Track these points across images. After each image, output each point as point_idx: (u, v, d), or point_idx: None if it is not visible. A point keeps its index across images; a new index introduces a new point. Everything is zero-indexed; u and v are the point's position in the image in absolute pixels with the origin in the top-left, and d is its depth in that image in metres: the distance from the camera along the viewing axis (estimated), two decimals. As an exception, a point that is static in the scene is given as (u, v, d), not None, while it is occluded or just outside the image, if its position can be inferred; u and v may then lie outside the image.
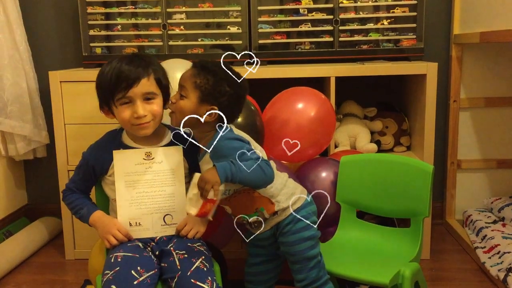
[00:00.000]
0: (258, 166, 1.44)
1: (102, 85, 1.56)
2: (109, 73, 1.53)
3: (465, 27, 2.48)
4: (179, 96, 1.54)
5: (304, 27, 2.46)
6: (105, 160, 1.58)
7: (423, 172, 1.69)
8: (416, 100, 2.37)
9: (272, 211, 1.55)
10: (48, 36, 2.71)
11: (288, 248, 1.58)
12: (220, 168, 1.39)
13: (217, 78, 1.51)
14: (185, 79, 1.54)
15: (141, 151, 1.56)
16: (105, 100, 1.56)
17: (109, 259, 1.50)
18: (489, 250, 2.20)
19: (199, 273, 1.45)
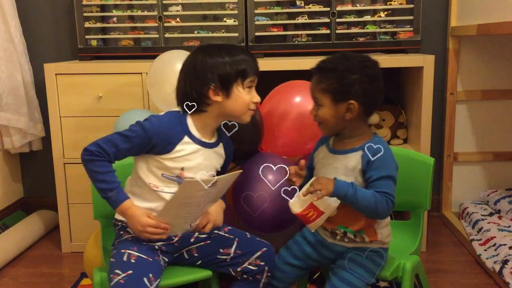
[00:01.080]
0: (375, 199, 1.40)
1: (236, 65, 1.51)
2: (244, 53, 1.53)
3: (462, 19, 2.47)
4: (316, 107, 1.51)
5: (301, 19, 2.45)
6: (170, 142, 1.49)
7: (424, 165, 1.69)
8: (413, 92, 2.37)
9: (373, 239, 1.51)
10: (43, 28, 2.69)
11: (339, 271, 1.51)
12: (338, 183, 1.40)
13: (339, 72, 1.46)
14: (312, 90, 1.51)
15: (210, 180, 1.44)
16: (234, 77, 1.51)
17: (120, 255, 1.45)
18: (485, 242, 2.21)
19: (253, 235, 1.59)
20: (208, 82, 1.50)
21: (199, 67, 1.51)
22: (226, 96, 1.51)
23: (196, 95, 1.51)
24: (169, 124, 1.51)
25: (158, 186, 1.50)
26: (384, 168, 1.43)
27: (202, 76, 1.50)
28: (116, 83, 2.26)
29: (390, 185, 1.43)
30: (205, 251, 1.56)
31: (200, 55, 1.53)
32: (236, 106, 1.53)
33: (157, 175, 1.51)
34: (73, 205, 2.35)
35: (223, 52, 1.52)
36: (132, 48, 2.51)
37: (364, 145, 1.47)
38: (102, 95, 2.26)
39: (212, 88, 1.50)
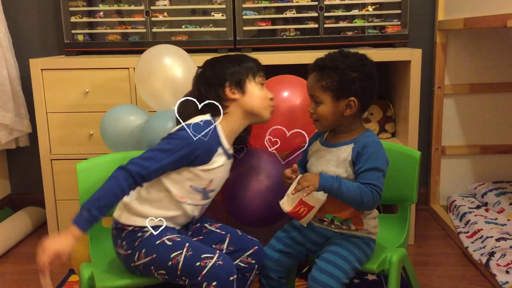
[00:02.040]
0: (360, 191, 1.42)
1: (244, 64, 1.60)
2: (249, 58, 1.64)
3: (449, 13, 2.48)
4: (314, 105, 1.53)
5: (289, 13, 2.44)
6: (210, 153, 1.52)
7: (411, 158, 1.70)
8: (401, 86, 2.38)
9: (359, 227, 1.54)
10: (29, 23, 2.66)
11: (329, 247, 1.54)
12: (323, 177, 1.43)
13: (340, 70, 1.48)
14: (312, 88, 1.52)
15: None
16: (246, 75, 1.59)
17: (162, 245, 1.47)
18: (472, 235, 2.23)
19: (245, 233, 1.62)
20: (222, 83, 1.57)
21: (210, 74, 1.60)
22: (242, 92, 1.57)
23: (214, 99, 1.55)
24: (209, 133, 1.51)
25: (184, 197, 1.53)
26: (373, 161, 1.46)
27: (215, 80, 1.58)
28: (103, 78, 2.24)
29: (378, 177, 1.45)
30: None
31: (208, 64, 1.63)
32: (254, 101, 1.58)
33: (185, 186, 1.53)
34: (60, 202, 2.34)
35: (228, 57, 1.63)
36: (119, 43, 2.49)
37: (356, 138, 1.51)
38: (89, 90, 2.24)
39: (227, 86, 1.56)
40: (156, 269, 1.46)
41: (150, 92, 1.96)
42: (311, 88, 1.53)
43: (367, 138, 1.50)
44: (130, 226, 1.52)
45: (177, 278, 1.45)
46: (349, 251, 1.51)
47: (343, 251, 1.50)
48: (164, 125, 1.80)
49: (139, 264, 1.48)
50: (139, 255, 1.48)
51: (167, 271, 1.45)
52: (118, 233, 1.54)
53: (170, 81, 1.90)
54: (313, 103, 1.53)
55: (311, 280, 1.47)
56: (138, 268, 1.50)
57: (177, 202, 1.53)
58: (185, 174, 1.51)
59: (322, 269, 1.47)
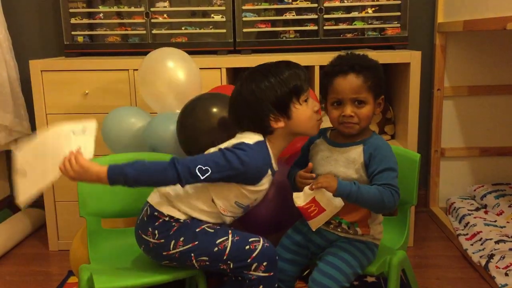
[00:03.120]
0: (379, 193, 1.41)
1: (288, 84, 1.48)
2: (291, 71, 1.49)
3: (449, 15, 2.49)
4: (355, 107, 1.48)
5: (288, 15, 2.44)
6: (259, 176, 1.49)
7: (410, 161, 1.70)
8: (400, 88, 2.38)
9: (365, 232, 1.54)
10: (29, 24, 2.66)
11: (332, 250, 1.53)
12: (342, 181, 1.42)
13: (377, 70, 1.51)
14: (358, 89, 1.47)
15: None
16: (289, 99, 1.48)
17: (203, 232, 1.48)
18: (471, 237, 2.23)
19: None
20: (266, 113, 1.48)
21: (251, 99, 1.48)
22: (287, 119, 1.50)
23: (260, 129, 1.51)
24: (261, 157, 1.50)
25: (226, 211, 1.53)
26: (387, 161, 1.46)
27: (258, 109, 1.48)
28: (103, 80, 2.24)
29: (393, 177, 1.46)
30: None
31: (248, 85, 1.50)
32: (301, 124, 1.52)
33: (231, 202, 1.52)
34: (60, 203, 2.34)
35: (269, 75, 1.48)
36: (119, 44, 2.49)
37: (364, 140, 1.52)
38: (89, 92, 2.24)
39: (272, 118, 1.49)
40: (197, 256, 1.46)
41: (153, 95, 1.96)
42: (356, 91, 1.48)
43: (377, 141, 1.51)
44: (167, 216, 1.50)
45: (221, 263, 1.46)
46: (352, 255, 1.50)
47: (345, 255, 1.50)
48: (166, 127, 1.80)
49: (175, 252, 1.47)
50: (175, 243, 1.47)
51: (210, 257, 1.46)
52: (152, 220, 1.51)
53: (174, 85, 1.90)
54: (353, 106, 1.49)
55: (312, 282, 1.46)
56: (172, 257, 1.48)
57: (219, 213, 1.53)
58: (233, 190, 1.50)
59: (324, 271, 1.46)
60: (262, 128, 1.51)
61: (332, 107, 1.52)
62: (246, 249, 1.45)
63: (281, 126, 1.50)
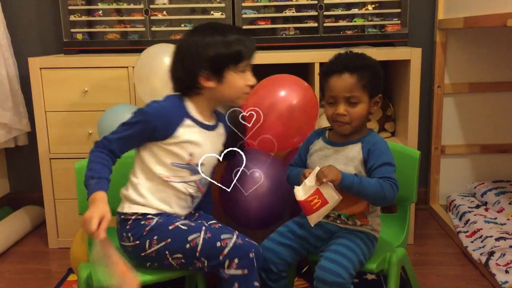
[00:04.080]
0: (380, 185, 1.43)
1: (231, 47, 1.49)
2: (239, 34, 1.51)
3: (449, 12, 2.48)
4: (347, 106, 1.50)
5: (288, 12, 2.44)
6: (171, 124, 1.49)
7: (410, 158, 1.70)
8: (401, 86, 2.37)
9: (364, 223, 1.56)
10: (28, 22, 2.65)
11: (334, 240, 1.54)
12: (344, 174, 1.44)
13: (375, 69, 1.52)
14: (352, 88, 1.49)
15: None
16: (227, 63, 1.49)
17: (176, 230, 1.48)
18: (472, 234, 2.22)
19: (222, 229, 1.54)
20: (199, 69, 1.49)
21: (191, 50, 1.50)
22: (218, 81, 1.51)
23: (188, 81, 1.52)
24: (168, 106, 1.51)
25: (170, 177, 1.51)
26: (385, 156, 1.49)
27: (193, 61, 1.49)
28: (102, 77, 2.23)
29: (392, 171, 1.48)
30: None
31: (192, 35, 1.53)
32: (229, 91, 1.53)
33: (168, 165, 1.51)
34: (59, 201, 2.33)
35: (216, 32, 1.50)
36: (118, 41, 2.49)
37: (362, 138, 1.54)
38: (88, 89, 2.24)
39: (203, 75, 1.49)
40: (172, 253, 1.46)
41: (150, 92, 1.95)
42: (350, 89, 1.49)
43: (375, 137, 1.54)
44: (133, 214, 1.51)
45: (196, 260, 1.45)
46: (355, 243, 1.52)
47: (350, 244, 1.51)
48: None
49: (151, 251, 1.47)
50: (150, 242, 1.47)
51: (184, 254, 1.45)
52: (123, 226, 1.52)
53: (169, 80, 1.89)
54: (346, 105, 1.50)
55: (320, 269, 1.45)
56: (150, 256, 1.48)
57: (166, 182, 1.51)
58: (159, 152, 1.50)
59: (331, 259, 1.47)
60: (191, 86, 1.52)
61: (328, 105, 1.54)
62: (217, 246, 1.43)
63: (210, 86, 1.50)
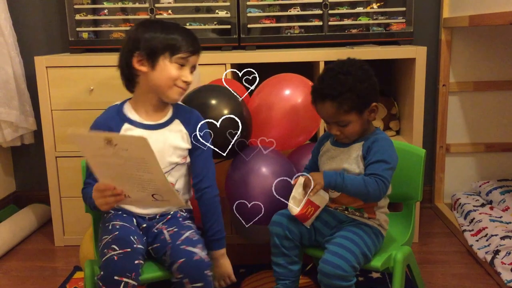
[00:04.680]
0: (364, 182, 1.47)
1: (162, 36, 1.52)
2: (177, 27, 1.55)
3: (454, 10, 2.47)
4: (339, 127, 1.55)
5: (293, 11, 2.44)
6: (111, 131, 1.54)
7: (415, 156, 1.70)
8: (405, 84, 2.37)
9: (372, 216, 1.59)
10: (34, 21, 2.67)
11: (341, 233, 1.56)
12: (327, 174, 1.50)
13: (352, 86, 1.51)
14: (334, 115, 1.53)
15: (99, 136, 1.35)
16: (162, 50, 1.52)
17: (106, 227, 1.51)
18: (477, 233, 2.22)
19: (189, 240, 1.49)
20: (134, 50, 1.53)
21: (131, 37, 1.56)
22: (151, 67, 1.53)
23: (124, 66, 1.56)
24: (104, 117, 1.58)
25: None
26: (381, 154, 1.51)
27: (131, 45, 1.54)
28: (107, 76, 2.24)
29: (384, 168, 1.50)
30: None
31: (137, 27, 1.57)
32: (160, 79, 1.53)
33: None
34: (65, 199, 2.34)
35: (160, 27, 1.55)
36: (123, 40, 2.49)
37: (366, 136, 1.58)
38: (94, 88, 2.25)
39: (136, 56, 1.52)
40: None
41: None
42: (333, 117, 1.54)
43: (377, 135, 1.57)
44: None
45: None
46: (359, 236, 1.53)
47: (354, 236, 1.53)
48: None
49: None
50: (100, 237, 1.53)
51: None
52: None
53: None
54: (337, 127, 1.56)
55: (322, 263, 1.48)
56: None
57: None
58: None
59: (333, 252, 1.49)
60: (128, 74, 1.56)
61: (326, 124, 1.61)
62: (104, 252, 1.43)
63: (143, 70, 1.53)
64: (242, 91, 1.93)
